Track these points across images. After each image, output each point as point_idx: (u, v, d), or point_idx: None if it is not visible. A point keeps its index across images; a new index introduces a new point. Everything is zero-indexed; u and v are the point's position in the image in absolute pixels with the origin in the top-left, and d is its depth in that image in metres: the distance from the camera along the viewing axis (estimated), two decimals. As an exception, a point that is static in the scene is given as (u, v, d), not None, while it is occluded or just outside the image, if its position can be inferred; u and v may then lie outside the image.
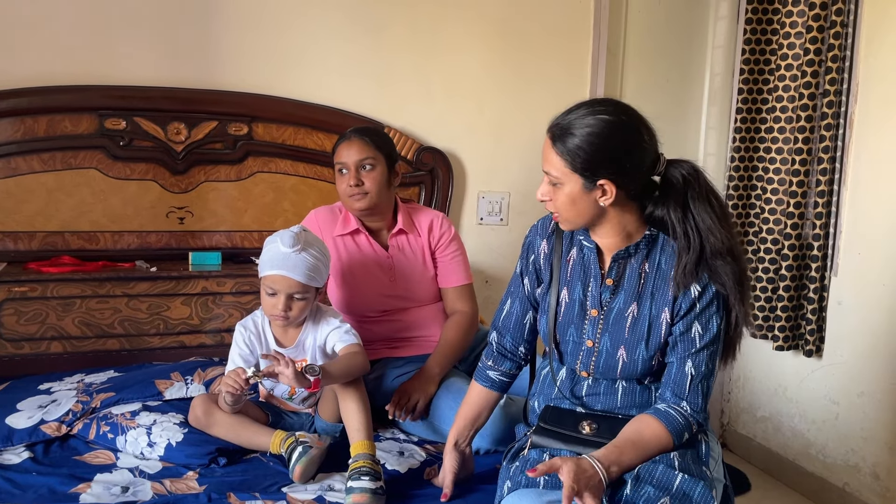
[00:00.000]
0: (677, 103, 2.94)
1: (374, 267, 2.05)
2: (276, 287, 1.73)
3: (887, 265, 2.31)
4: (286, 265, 1.72)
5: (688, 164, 1.40)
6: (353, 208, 2.03)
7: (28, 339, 2.16)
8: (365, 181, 1.99)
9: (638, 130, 1.36)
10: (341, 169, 2.02)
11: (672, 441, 1.37)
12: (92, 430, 1.77)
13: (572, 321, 1.48)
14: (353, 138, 2.02)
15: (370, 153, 2.00)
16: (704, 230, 1.37)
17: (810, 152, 2.48)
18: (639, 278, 1.44)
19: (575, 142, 1.34)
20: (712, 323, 1.41)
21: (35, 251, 2.27)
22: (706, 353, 1.41)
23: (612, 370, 1.46)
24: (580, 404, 1.49)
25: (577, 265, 1.49)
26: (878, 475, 2.37)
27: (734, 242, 1.39)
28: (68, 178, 2.28)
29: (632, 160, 1.36)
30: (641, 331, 1.43)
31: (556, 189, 1.39)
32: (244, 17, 2.42)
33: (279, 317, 1.75)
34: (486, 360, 1.62)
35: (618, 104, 1.39)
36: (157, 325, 2.26)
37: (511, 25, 2.69)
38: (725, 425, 3.01)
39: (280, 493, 1.55)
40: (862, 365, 2.41)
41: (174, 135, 2.35)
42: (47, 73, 2.24)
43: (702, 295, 1.40)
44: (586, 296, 1.47)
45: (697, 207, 1.37)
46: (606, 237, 1.45)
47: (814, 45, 2.41)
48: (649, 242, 1.44)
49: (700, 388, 1.41)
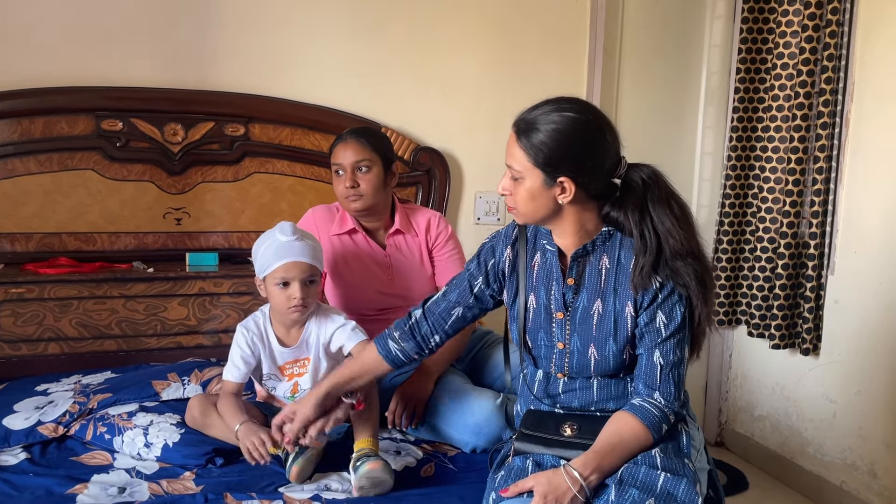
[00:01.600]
0: (674, 102, 2.94)
1: (371, 265, 2.06)
2: (290, 275, 1.71)
3: (884, 263, 2.32)
4: (293, 251, 1.72)
5: (648, 168, 1.42)
6: (349, 209, 2.04)
7: (25, 340, 2.16)
8: (361, 182, 2.00)
9: (601, 131, 1.37)
10: (337, 170, 2.02)
11: (651, 437, 1.38)
12: (89, 431, 1.77)
13: (541, 326, 1.49)
14: (349, 139, 2.02)
15: (366, 155, 2.00)
16: (663, 232, 1.37)
17: (806, 151, 2.48)
18: (599, 275, 1.45)
19: (539, 137, 1.35)
20: (675, 311, 1.41)
21: (32, 252, 2.27)
22: (673, 341, 1.42)
23: (585, 369, 1.46)
24: (556, 403, 1.50)
25: (542, 270, 1.50)
26: (875, 473, 2.37)
27: (695, 244, 1.40)
28: (65, 180, 2.28)
29: (593, 160, 1.37)
30: (608, 327, 1.44)
31: (517, 183, 1.40)
32: (240, 18, 2.42)
33: (297, 307, 1.73)
34: (394, 330, 1.60)
35: (583, 103, 1.41)
36: (154, 326, 2.26)
37: (508, 25, 2.69)
38: (723, 424, 3.01)
39: (277, 493, 1.55)
40: (859, 363, 2.42)
41: (171, 136, 2.35)
42: (43, 74, 2.24)
43: (663, 286, 1.40)
44: (550, 299, 1.48)
45: (657, 210, 1.38)
46: (566, 237, 1.45)
47: (809, 44, 2.41)
48: (606, 239, 1.45)
49: (671, 377, 1.41)
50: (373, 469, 1.53)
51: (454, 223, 2.72)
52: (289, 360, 1.80)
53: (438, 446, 1.82)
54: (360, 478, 1.52)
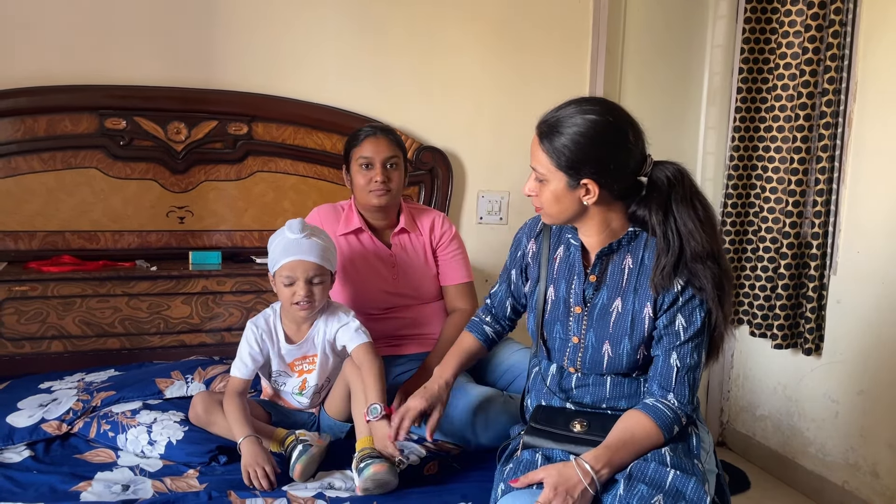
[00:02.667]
0: (676, 103, 2.94)
1: (377, 264, 2.07)
2: (294, 273, 1.72)
3: (886, 263, 2.32)
4: (300, 250, 1.72)
5: (673, 167, 1.41)
6: (373, 203, 2.04)
7: (29, 338, 2.16)
8: (391, 179, 2.03)
9: (624, 131, 1.37)
10: (366, 164, 2.03)
11: (662, 436, 1.38)
12: (92, 429, 1.78)
13: (558, 318, 1.50)
14: (379, 135, 2.05)
15: (395, 152, 2.05)
16: (685, 234, 1.38)
17: (809, 151, 2.48)
18: (622, 274, 1.46)
19: (562, 140, 1.36)
20: (696, 315, 1.41)
21: (35, 251, 2.27)
22: (691, 344, 1.42)
23: (598, 365, 1.47)
24: (569, 398, 1.50)
25: (563, 263, 1.51)
26: (877, 473, 2.37)
27: (716, 247, 1.40)
28: (68, 178, 2.28)
29: (616, 161, 1.37)
30: (625, 326, 1.44)
31: (542, 185, 1.41)
32: (244, 17, 2.42)
33: (302, 305, 1.73)
34: (483, 315, 1.74)
35: (606, 103, 1.40)
36: (157, 324, 2.27)
37: (510, 25, 2.69)
38: (725, 424, 3.01)
39: (280, 492, 1.55)
40: (861, 363, 2.42)
41: (174, 134, 2.35)
42: (47, 72, 2.24)
43: (684, 289, 1.41)
44: (570, 293, 1.49)
45: (680, 210, 1.38)
46: (591, 235, 1.46)
47: (812, 45, 2.41)
48: (632, 239, 1.45)
49: (686, 380, 1.42)
50: (378, 472, 1.52)
51: (457, 222, 2.72)
52: (297, 357, 1.81)
53: (441, 444, 1.82)
54: (366, 480, 1.52)
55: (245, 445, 1.62)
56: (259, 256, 2.43)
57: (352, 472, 1.58)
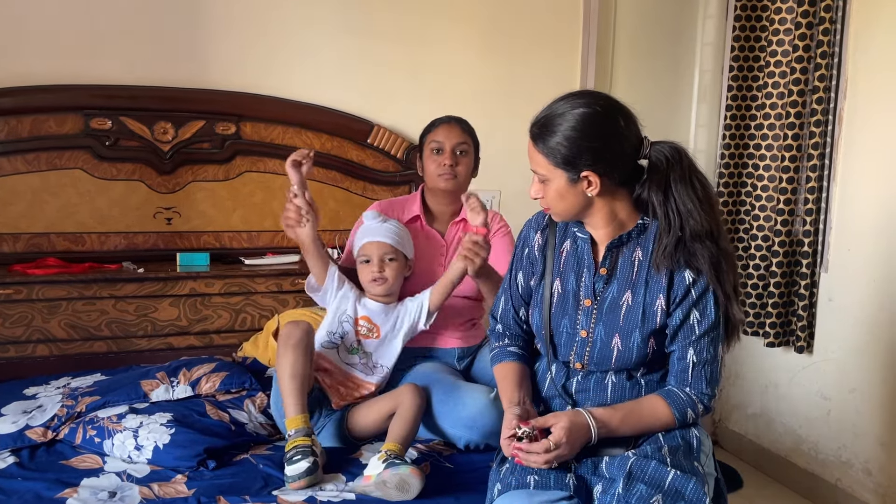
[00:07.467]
0: (667, 101, 2.94)
1: (429, 253, 2.08)
2: (369, 253, 1.90)
3: (877, 261, 2.32)
4: (375, 233, 1.92)
5: (670, 146, 1.40)
6: (439, 187, 2.08)
7: (13, 342, 2.13)
8: (459, 164, 2.07)
9: (614, 118, 1.37)
10: (438, 149, 2.07)
11: (673, 417, 1.41)
12: (78, 435, 1.75)
13: (566, 312, 1.48)
14: (452, 122, 2.12)
15: (466, 139, 2.11)
16: (685, 213, 1.38)
17: (800, 149, 2.48)
18: (632, 267, 1.45)
19: (555, 139, 1.36)
20: (710, 309, 1.41)
21: (20, 253, 2.24)
22: (707, 339, 1.42)
23: (606, 360, 1.45)
24: (571, 401, 1.49)
25: (571, 256, 1.50)
26: (870, 471, 2.37)
27: (714, 225, 1.40)
28: (53, 179, 2.25)
29: (611, 149, 1.37)
30: (636, 318, 1.43)
31: (545, 185, 1.42)
32: (231, 16, 2.40)
33: (376, 279, 1.89)
34: (501, 341, 1.62)
35: (592, 94, 1.40)
36: (144, 326, 2.24)
37: (501, 24, 2.68)
38: (717, 422, 3.01)
39: (271, 496, 1.53)
40: (853, 361, 2.42)
41: (161, 134, 2.32)
42: (31, 72, 2.21)
43: (696, 282, 1.40)
44: (580, 286, 1.48)
45: (679, 190, 1.38)
46: (599, 228, 1.46)
47: (803, 42, 2.41)
48: (641, 231, 1.45)
49: (703, 374, 1.42)
50: (412, 475, 1.50)
51: (447, 222, 2.70)
52: (364, 315, 1.91)
53: (433, 445, 1.80)
54: (395, 475, 1.50)
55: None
56: (248, 257, 2.41)
57: (375, 460, 1.56)
